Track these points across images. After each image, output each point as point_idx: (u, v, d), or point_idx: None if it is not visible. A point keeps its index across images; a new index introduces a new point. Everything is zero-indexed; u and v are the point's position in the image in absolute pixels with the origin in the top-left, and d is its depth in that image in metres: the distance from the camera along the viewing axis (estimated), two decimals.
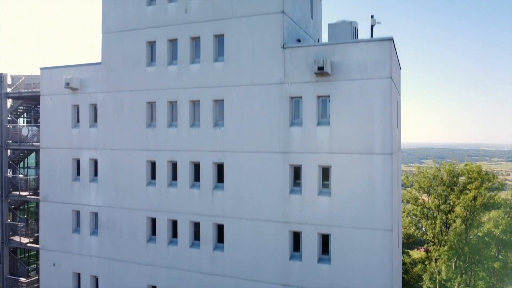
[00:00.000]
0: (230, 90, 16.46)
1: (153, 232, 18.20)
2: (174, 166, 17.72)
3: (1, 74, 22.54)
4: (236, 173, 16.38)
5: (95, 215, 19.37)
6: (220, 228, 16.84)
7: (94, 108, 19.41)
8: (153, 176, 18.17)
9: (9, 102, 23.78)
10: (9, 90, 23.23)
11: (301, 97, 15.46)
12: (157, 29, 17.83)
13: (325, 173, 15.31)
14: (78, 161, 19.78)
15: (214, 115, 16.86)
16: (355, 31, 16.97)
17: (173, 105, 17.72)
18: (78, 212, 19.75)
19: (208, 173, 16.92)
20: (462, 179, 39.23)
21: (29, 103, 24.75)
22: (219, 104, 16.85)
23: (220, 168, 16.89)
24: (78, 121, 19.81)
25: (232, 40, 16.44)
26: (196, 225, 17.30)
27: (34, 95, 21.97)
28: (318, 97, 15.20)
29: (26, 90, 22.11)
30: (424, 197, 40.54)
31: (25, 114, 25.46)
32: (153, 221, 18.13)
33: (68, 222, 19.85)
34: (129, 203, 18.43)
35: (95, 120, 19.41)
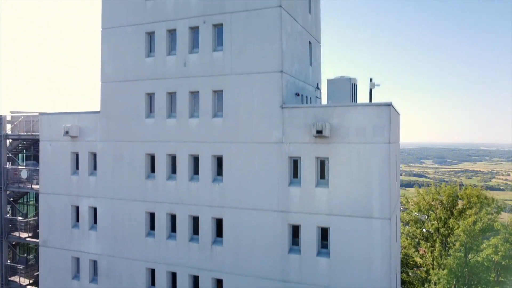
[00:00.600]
0: (229, 146, 16.47)
1: (152, 282, 18.24)
2: (173, 218, 17.76)
3: (0, 116, 22.55)
4: (235, 228, 16.41)
5: (95, 262, 19.41)
6: (219, 283, 16.89)
7: (94, 156, 19.43)
8: (152, 227, 18.21)
9: (8, 140, 23.78)
10: (8, 128, 23.23)
11: (300, 157, 15.47)
12: (156, 81, 17.84)
13: (324, 233, 15.34)
14: (77, 208, 19.81)
15: (213, 170, 16.89)
16: (354, 88, 16.98)
17: (172, 158, 17.73)
18: (77, 259, 19.79)
19: (207, 228, 16.95)
20: (462, 201, 39.28)
21: (29, 141, 24.77)
22: (218, 159, 16.86)
23: (219, 223, 16.93)
24: (77, 167, 19.82)
25: (231, 96, 16.45)
26: (195, 278, 17.34)
27: (33, 138, 21.96)
28: (317, 158, 15.22)
29: (25, 133, 22.14)
30: (424, 218, 40.59)
31: (24, 150, 25.48)
32: (152, 272, 18.17)
33: (67, 268, 19.90)
34: (128, 253, 18.47)
35: (94, 168, 19.43)
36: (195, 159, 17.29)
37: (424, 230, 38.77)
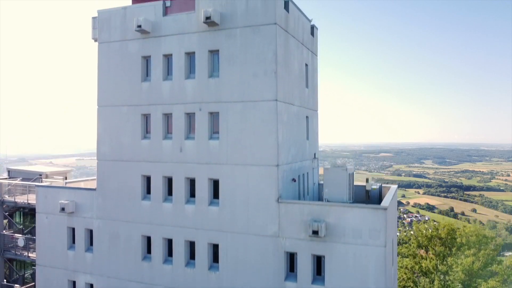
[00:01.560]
0: (225, 235, 16.42)
1: None
2: None
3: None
4: None
5: None
6: None
7: (90, 232, 19.37)
8: None
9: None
10: (5, 189, 23.17)
11: (296, 253, 15.42)
12: (152, 164, 17.76)
13: None
14: (74, 283, 19.77)
15: (209, 258, 16.84)
16: (350, 178, 16.91)
17: (168, 241, 17.69)
18: None
19: None
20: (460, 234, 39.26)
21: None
22: (214, 246, 16.81)
23: None
24: (73, 242, 19.78)
25: (227, 186, 16.37)
26: None
27: (30, 207, 21.92)
28: (313, 255, 15.17)
29: (22, 201, 22.08)
30: (422, 252, 40.59)
31: (22, 209, 25.42)
32: None
33: None
34: None
35: (91, 244, 19.38)
36: (191, 245, 17.24)
37: (422, 265, 38.75)
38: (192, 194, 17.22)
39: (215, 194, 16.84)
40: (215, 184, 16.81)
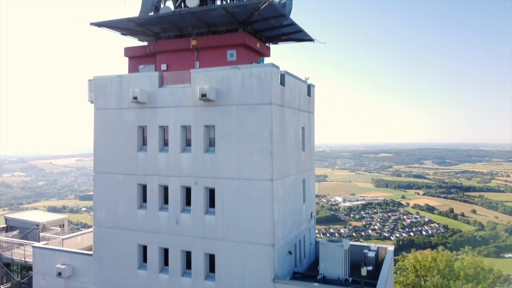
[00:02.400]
0: None
1: None
2: None
3: None
4: None
5: None
6: None
7: None
8: None
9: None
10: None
11: None
12: (148, 234, 17.76)
13: None
14: None
15: None
16: (346, 253, 16.92)
17: None
18: None
19: None
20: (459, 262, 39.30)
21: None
22: None
23: None
24: None
25: (223, 262, 16.37)
26: None
27: (26, 265, 21.94)
28: None
29: (19, 259, 22.10)
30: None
31: None
32: None
33: None
34: None
35: None
36: None
37: None
38: (188, 266, 17.23)
39: (211, 269, 16.85)
40: (211, 258, 16.81)
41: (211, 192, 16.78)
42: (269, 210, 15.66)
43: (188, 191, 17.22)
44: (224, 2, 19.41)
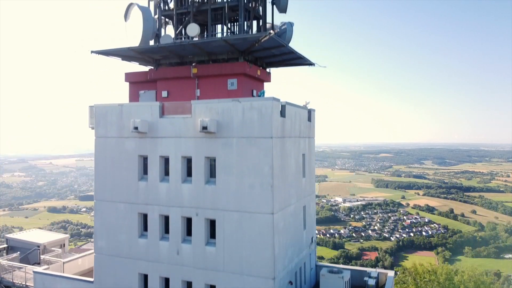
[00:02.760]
0: None
1: None
2: None
3: None
4: None
5: None
6: None
7: None
8: None
9: None
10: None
11: None
12: (149, 263, 17.78)
13: None
14: None
15: None
16: (346, 285, 16.96)
17: None
18: None
19: None
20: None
21: None
22: None
23: None
24: None
25: None
26: None
27: None
28: None
29: (20, 283, 22.11)
30: None
31: None
32: None
33: None
34: None
35: None
36: None
37: None
38: None
39: None
40: None
41: (212, 223, 16.81)
42: (269, 243, 15.69)
43: (189, 221, 17.24)
44: (224, 31, 19.46)
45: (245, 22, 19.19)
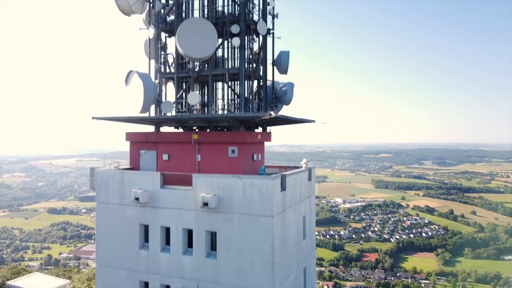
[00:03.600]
0: None
1: None
2: None
3: None
4: None
5: None
6: None
7: None
8: None
9: None
10: None
11: None
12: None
13: None
14: None
15: None
16: None
17: None
18: None
19: None
20: None
21: None
22: None
23: None
24: None
25: None
26: None
27: None
28: None
29: None
30: None
31: None
32: None
33: None
34: None
35: None
36: None
37: None
38: None
39: None
40: None
41: None
42: None
43: None
44: (225, 90, 19.49)
45: (246, 83, 19.18)
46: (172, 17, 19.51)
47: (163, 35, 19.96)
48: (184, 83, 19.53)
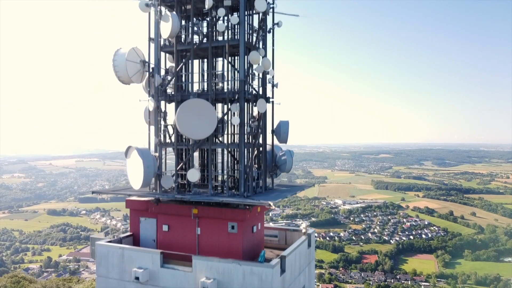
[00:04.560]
0: None
1: None
2: None
3: None
4: None
5: None
6: None
7: None
8: None
9: None
10: None
11: None
12: None
13: None
14: None
15: None
16: None
17: None
18: None
19: None
20: None
21: None
22: None
23: None
24: None
25: None
26: None
27: None
28: None
29: None
30: None
31: None
32: None
33: None
34: None
35: None
36: None
37: None
38: None
39: None
40: None
41: None
42: None
43: None
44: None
45: (245, 151, 19.18)
46: (171, 89, 19.47)
47: (162, 103, 19.92)
48: (184, 155, 19.54)
